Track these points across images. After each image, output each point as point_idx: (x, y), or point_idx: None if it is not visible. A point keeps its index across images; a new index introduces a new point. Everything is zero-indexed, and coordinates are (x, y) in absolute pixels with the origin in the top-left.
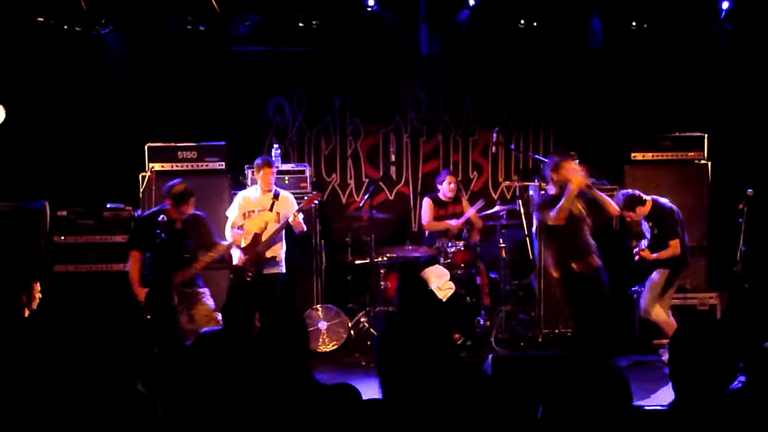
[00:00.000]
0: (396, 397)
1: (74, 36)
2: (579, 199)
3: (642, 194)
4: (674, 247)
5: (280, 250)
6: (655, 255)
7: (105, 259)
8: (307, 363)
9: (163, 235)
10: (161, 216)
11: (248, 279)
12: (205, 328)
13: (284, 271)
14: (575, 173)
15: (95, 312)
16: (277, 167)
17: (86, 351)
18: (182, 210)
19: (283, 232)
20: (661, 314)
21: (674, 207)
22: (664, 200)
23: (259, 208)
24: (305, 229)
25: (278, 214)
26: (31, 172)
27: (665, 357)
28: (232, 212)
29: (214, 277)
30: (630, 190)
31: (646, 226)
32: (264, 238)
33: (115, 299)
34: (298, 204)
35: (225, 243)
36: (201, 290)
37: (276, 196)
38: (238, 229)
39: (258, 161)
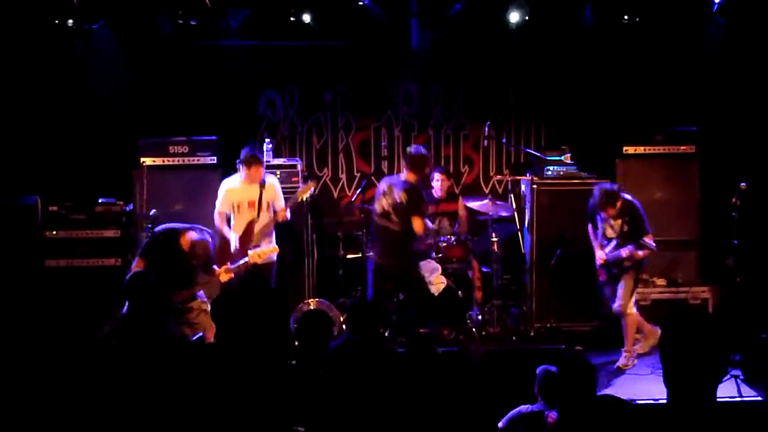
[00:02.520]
0: None
1: (65, 31)
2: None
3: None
4: (650, 241)
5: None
6: (641, 253)
7: (96, 254)
8: None
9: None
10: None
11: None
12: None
13: (275, 259)
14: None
15: (87, 307)
16: (269, 161)
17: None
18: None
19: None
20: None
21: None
22: (628, 195)
23: (249, 200)
24: (289, 218)
25: (268, 203)
26: (22, 168)
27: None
28: (217, 203)
29: None
30: (608, 184)
31: (607, 224)
32: (257, 229)
33: (107, 294)
34: (283, 189)
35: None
36: (203, 301)
37: (262, 185)
38: (226, 226)
39: (247, 157)
